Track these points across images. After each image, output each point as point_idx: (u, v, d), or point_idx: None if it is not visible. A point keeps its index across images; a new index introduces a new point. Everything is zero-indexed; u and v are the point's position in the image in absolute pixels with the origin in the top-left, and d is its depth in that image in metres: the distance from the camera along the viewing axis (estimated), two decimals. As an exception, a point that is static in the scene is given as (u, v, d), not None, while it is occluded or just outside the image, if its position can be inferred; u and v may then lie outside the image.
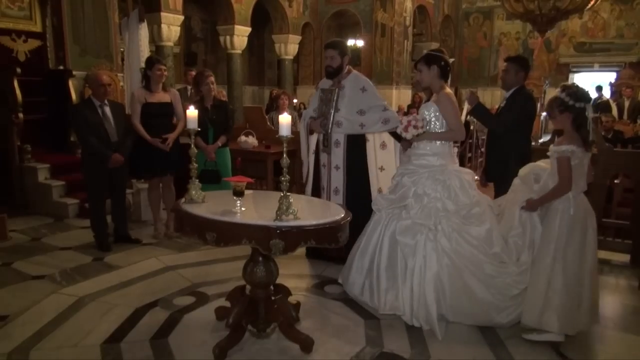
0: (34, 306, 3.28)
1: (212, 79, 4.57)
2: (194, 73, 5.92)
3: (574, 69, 16.48)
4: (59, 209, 5.53)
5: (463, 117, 4.09)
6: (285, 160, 2.47)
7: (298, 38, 14.05)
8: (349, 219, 2.58)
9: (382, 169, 4.01)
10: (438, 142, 3.21)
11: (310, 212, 2.65)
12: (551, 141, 5.51)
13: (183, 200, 2.79)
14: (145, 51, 6.34)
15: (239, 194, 2.63)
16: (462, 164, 8.33)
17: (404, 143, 3.40)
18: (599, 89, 12.11)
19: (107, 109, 4.32)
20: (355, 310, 3.24)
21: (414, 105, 11.24)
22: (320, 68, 15.62)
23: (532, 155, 3.80)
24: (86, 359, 2.66)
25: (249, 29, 12.31)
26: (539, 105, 13.42)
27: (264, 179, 5.84)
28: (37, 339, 2.85)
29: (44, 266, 4.01)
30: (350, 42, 15.80)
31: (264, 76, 17.41)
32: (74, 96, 6.45)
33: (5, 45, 6.75)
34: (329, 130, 3.90)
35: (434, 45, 16.01)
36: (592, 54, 15.95)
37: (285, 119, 2.45)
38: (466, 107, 4.09)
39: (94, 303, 3.33)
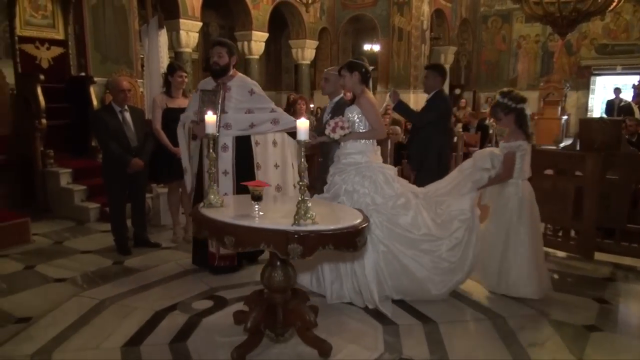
0: (56, 309, 3.33)
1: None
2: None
3: (596, 72, 16.20)
4: (80, 213, 5.62)
5: (381, 113, 4.58)
6: (303, 164, 2.47)
7: (315, 43, 14.10)
8: (367, 224, 2.56)
9: (276, 166, 4.04)
10: (362, 141, 3.45)
11: (328, 216, 2.64)
12: (573, 145, 5.43)
13: (202, 204, 2.80)
14: (164, 57, 6.42)
15: (257, 198, 2.64)
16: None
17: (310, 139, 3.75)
18: (618, 90, 11.89)
19: (127, 115, 4.39)
20: (373, 316, 3.21)
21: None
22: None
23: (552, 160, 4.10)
24: (107, 362, 2.69)
25: (266, 35, 12.40)
26: (559, 109, 13.28)
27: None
28: (59, 341, 2.89)
29: (66, 269, 4.07)
30: (367, 47, 15.83)
31: (281, 81, 17.51)
32: (95, 102, 6.57)
33: (29, 53, 6.92)
34: (217, 134, 3.75)
35: (452, 49, 15.94)
36: (614, 56, 15.64)
37: (303, 123, 2.45)
38: (385, 103, 4.47)
39: (115, 306, 3.37)
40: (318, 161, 4.68)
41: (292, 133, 3.95)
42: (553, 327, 3.12)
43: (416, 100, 13.49)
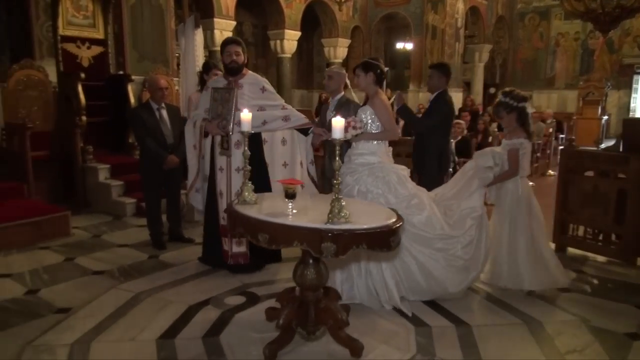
0: (94, 300, 3.43)
1: (265, 83, 4.64)
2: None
3: (639, 70, 15.58)
4: (117, 208, 5.78)
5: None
6: (337, 163, 2.47)
7: (347, 42, 14.07)
8: (401, 223, 2.54)
9: (285, 164, 4.01)
10: (375, 142, 3.43)
11: (362, 215, 2.62)
12: (616, 146, 5.25)
13: (236, 201, 2.83)
14: (200, 56, 6.53)
15: (290, 196, 2.65)
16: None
17: (316, 137, 3.88)
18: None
19: (164, 112, 4.48)
20: (405, 317, 3.18)
21: (466, 109, 10.96)
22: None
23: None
24: (142, 353, 2.75)
25: (298, 33, 12.46)
26: (600, 108, 12.85)
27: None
28: (97, 332, 2.97)
29: (104, 262, 4.19)
30: (400, 45, 15.69)
31: (312, 79, 17.55)
32: (132, 100, 6.74)
33: (71, 52, 7.16)
34: (230, 132, 3.77)
35: (487, 47, 15.63)
36: (658, 54, 15.03)
37: (338, 122, 2.44)
38: (395, 107, 4.48)
39: (150, 299, 3.45)
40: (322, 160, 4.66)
41: (302, 130, 3.99)
42: (593, 334, 3.02)
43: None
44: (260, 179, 3.85)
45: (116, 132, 6.90)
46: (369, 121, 3.43)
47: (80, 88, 6.06)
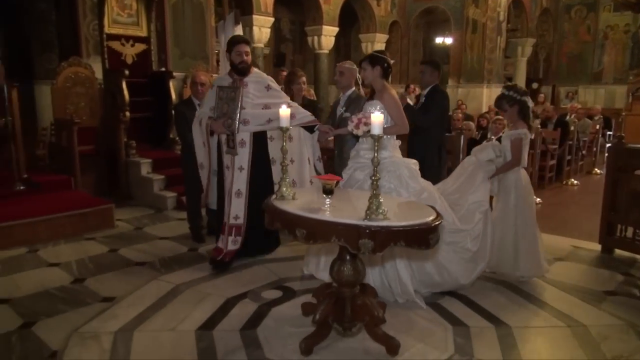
0: (137, 290, 3.53)
1: (304, 79, 4.69)
2: (285, 73, 6.07)
3: (694, 64, 14.75)
4: (158, 201, 5.94)
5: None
6: (376, 159, 2.45)
7: (385, 37, 13.93)
8: (440, 221, 2.50)
9: (292, 161, 4.00)
10: (385, 136, 3.35)
11: (400, 212, 2.60)
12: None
13: (274, 196, 2.86)
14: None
15: (328, 192, 2.65)
16: (560, 166, 7.80)
17: (321, 135, 3.89)
18: None
19: (205, 108, 4.55)
20: (443, 316, 3.14)
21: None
22: (407, 67, 15.38)
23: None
24: (182, 344, 2.82)
25: (336, 29, 12.41)
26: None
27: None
28: (139, 321, 3.07)
29: (145, 254, 4.32)
30: (439, 40, 15.41)
31: (349, 76, 17.43)
32: (173, 96, 6.90)
33: (116, 50, 7.39)
34: (237, 130, 3.73)
35: (530, 40, 15.13)
36: None
37: (377, 118, 2.42)
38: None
39: (189, 291, 3.53)
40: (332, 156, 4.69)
41: (307, 128, 4.00)
42: (641, 339, 2.90)
43: (489, 95, 12.97)
44: (263, 176, 3.91)
45: (158, 128, 7.09)
46: None
47: (124, 84, 6.24)
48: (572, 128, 8.22)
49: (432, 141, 4.56)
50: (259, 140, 3.91)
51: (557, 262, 4.17)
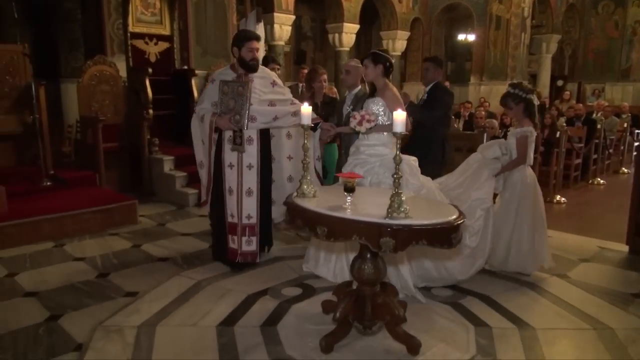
0: (159, 285, 3.58)
1: (325, 77, 4.68)
2: (306, 70, 6.06)
3: None
4: (180, 198, 6.01)
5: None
6: (398, 157, 2.43)
7: (406, 34, 13.81)
8: (463, 220, 2.46)
9: (290, 157, 4.04)
10: (385, 133, 3.41)
11: (422, 211, 2.58)
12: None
13: (295, 193, 2.86)
14: (261, 50, 6.63)
15: (349, 190, 2.64)
16: (586, 165, 7.63)
17: (324, 133, 3.88)
18: None
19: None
20: (464, 316, 3.10)
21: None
22: (428, 64, 15.19)
23: None
24: (204, 339, 2.85)
25: (357, 26, 12.35)
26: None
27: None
28: (162, 316, 3.11)
29: (168, 250, 4.38)
30: (461, 37, 15.21)
31: (370, 73, 17.34)
32: (195, 94, 6.96)
33: (139, 48, 7.50)
34: (245, 127, 3.64)
35: (556, 37, 14.83)
36: None
37: (400, 115, 2.40)
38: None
39: (210, 287, 3.56)
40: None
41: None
42: (671, 344, 2.81)
43: (513, 92, 12.74)
44: (267, 174, 3.91)
45: (180, 125, 7.15)
46: (381, 113, 3.44)
47: (147, 82, 6.32)
48: (599, 126, 8.04)
49: (436, 137, 4.58)
50: (266, 137, 3.89)
51: (583, 263, 4.09)
